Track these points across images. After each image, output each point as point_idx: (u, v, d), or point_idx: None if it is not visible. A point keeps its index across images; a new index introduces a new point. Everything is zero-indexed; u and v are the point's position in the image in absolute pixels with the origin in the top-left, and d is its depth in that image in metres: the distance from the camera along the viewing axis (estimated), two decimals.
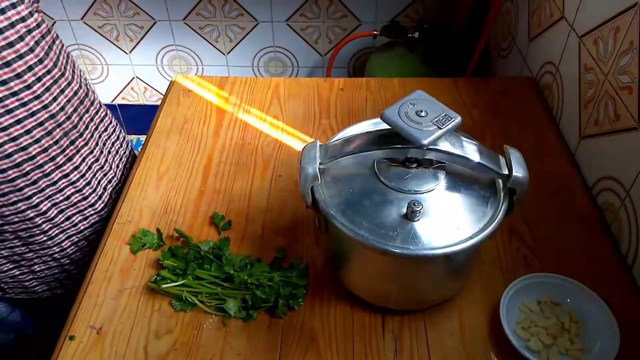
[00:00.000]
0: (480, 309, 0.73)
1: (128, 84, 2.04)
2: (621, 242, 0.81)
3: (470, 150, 0.63)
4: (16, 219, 0.83)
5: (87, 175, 0.89)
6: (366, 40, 1.79)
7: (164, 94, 1.16)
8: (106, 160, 0.95)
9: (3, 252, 0.87)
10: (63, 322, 0.74)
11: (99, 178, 0.92)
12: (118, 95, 2.08)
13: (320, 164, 0.64)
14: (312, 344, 0.70)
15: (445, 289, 0.72)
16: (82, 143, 0.88)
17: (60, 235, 0.89)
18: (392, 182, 0.64)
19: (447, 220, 0.63)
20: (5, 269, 0.90)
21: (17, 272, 0.92)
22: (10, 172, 0.78)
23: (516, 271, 0.78)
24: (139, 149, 1.01)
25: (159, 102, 2.05)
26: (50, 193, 0.84)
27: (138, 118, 2.15)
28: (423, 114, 0.62)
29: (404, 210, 0.62)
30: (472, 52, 1.40)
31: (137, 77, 2.01)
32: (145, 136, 1.03)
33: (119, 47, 1.91)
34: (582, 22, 0.96)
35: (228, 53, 1.90)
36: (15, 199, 0.80)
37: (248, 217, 0.86)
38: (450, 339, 0.70)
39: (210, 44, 1.88)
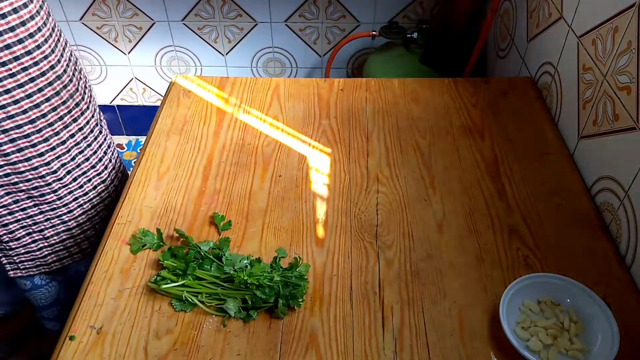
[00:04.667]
0: (480, 309, 0.73)
1: (127, 84, 2.04)
2: (620, 242, 0.81)
3: None
4: (30, 176, 0.91)
5: (89, 137, 0.98)
6: (365, 40, 1.79)
7: (162, 94, 1.16)
8: (100, 123, 1.04)
9: (17, 215, 0.95)
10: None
11: (100, 142, 1.02)
12: (117, 96, 2.08)
13: None
14: (312, 344, 0.70)
15: None
16: (85, 107, 0.96)
17: (69, 197, 0.96)
18: None
19: None
20: (19, 235, 0.96)
21: (29, 240, 0.98)
22: (25, 127, 0.86)
23: (516, 271, 0.78)
24: (139, 150, 1.01)
25: (157, 103, 2.05)
26: (60, 152, 0.93)
27: (137, 119, 2.15)
28: None
29: None
30: (470, 52, 1.41)
31: (135, 78, 2.01)
32: (145, 137, 1.03)
33: (118, 48, 1.91)
34: (580, 22, 0.96)
35: (227, 54, 1.90)
36: (29, 155, 0.89)
37: (248, 217, 0.86)
38: (450, 339, 0.70)
39: (209, 44, 1.88)
